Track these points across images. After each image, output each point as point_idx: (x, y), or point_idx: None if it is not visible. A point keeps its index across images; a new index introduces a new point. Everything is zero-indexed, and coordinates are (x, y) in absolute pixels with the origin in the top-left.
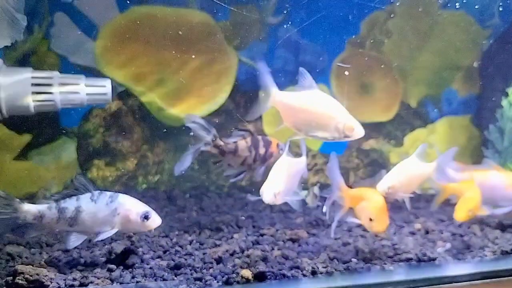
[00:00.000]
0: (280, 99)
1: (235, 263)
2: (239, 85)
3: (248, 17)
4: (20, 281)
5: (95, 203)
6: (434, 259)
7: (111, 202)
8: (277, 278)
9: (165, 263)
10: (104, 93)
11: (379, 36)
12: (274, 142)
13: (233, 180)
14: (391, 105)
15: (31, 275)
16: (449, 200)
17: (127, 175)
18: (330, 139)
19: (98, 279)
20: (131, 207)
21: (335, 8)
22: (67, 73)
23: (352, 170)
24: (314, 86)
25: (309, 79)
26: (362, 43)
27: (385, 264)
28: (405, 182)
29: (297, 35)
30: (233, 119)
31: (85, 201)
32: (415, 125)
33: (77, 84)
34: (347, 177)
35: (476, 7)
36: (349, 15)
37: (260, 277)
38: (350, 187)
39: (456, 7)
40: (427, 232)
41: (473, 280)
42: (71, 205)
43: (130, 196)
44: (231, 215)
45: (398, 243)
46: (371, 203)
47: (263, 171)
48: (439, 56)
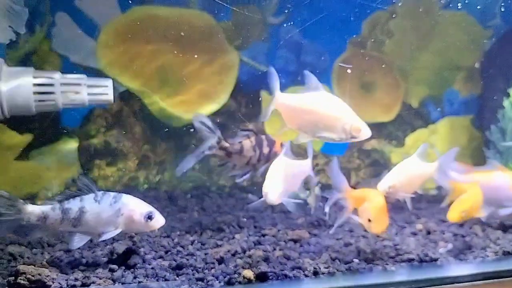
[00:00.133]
0: (282, 101)
1: (237, 263)
2: (240, 85)
3: (250, 17)
4: (22, 281)
5: (99, 203)
6: (436, 260)
7: (115, 202)
8: (279, 278)
9: (167, 263)
10: (106, 93)
11: (381, 36)
12: (278, 141)
13: (239, 180)
14: (392, 106)
15: (33, 275)
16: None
17: (128, 175)
18: (337, 140)
19: (100, 279)
20: (135, 207)
21: (336, 8)
22: (68, 73)
23: (353, 171)
24: (320, 88)
25: (314, 80)
26: (363, 43)
27: (387, 264)
28: (405, 182)
29: (299, 35)
30: (234, 119)
31: (88, 202)
32: (416, 125)
33: (78, 84)
34: (348, 178)
35: (478, 7)
36: (350, 15)
37: (262, 278)
38: (354, 188)
39: (458, 7)
40: (428, 233)
41: (475, 281)
42: (74, 206)
43: (133, 196)
44: (232, 215)
45: (400, 243)
46: (371, 204)
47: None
48: (441, 56)
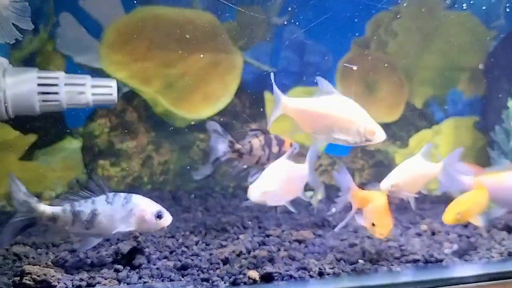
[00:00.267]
0: (292, 106)
1: (242, 264)
2: (244, 85)
3: (254, 17)
4: (28, 281)
5: (111, 205)
6: (441, 260)
7: (126, 203)
8: (284, 279)
9: (171, 263)
10: (110, 94)
11: (384, 37)
12: (288, 141)
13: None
14: (396, 106)
15: (38, 276)
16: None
17: (132, 175)
18: (351, 143)
19: (105, 279)
20: (146, 207)
21: (340, 9)
22: (72, 73)
23: (357, 171)
24: (333, 91)
25: (327, 85)
26: (367, 43)
27: (392, 265)
28: (409, 181)
29: (303, 36)
30: (238, 118)
31: (101, 204)
32: (420, 126)
33: (82, 85)
34: (352, 178)
35: (483, 8)
36: (354, 16)
37: (267, 278)
38: (362, 188)
39: (463, 8)
40: (433, 233)
41: (480, 282)
42: (86, 208)
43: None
44: (236, 216)
45: (404, 244)
46: (374, 207)
47: None
48: (444, 57)
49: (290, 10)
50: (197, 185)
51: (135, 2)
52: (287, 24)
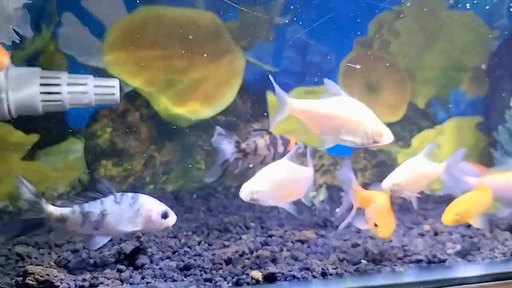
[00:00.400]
0: (299, 107)
1: (244, 264)
2: (246, 85)
3: (256, 17)
4: (31, 282)
5: (119, 205)
6: (444, 261)
7: (134, 203)
8: (287, 279)
9: (174, 263)
10: (112, 93)
11: (387, 37)
12: (293, 140)
13: None
14: (398, 106)
15: (41, 276)
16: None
17: (134, 175)
18: (359, 144)
19: (108, 279)
20: (152, 206)
21: (342, 8)
22: (75, 73)
23: (359, 171)
24: (341, 93)
25: (335, 86)
26: (370, 43)
27: (395, 265)
28: (411, 181)
29: (305, 36)
30: (241, 118)
31: (109, 204)
32: (423, 126)
33: (85, 84)
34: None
35: (486, 7)
36: (357, 15)
37: (270, 278)
38: (365, 188)
39: (467, 7)
40: (436, 234)
41: (483, 282)
42: (96, 208)
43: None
44: (238, 216)
45: (407, 244)
46: (376, 207)
47: None
48: (447, 56)
49: (293, 10)
50: (199, 185)
51: (137, 2)
52: (290, 24)
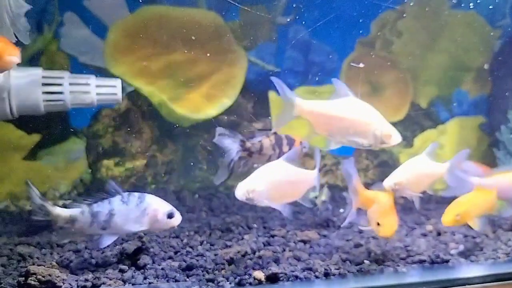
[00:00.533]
0: (307, 108)
1: (247, 264)
2: (248, 84)
3: (259, 17)
4: (33, 282)
5: (127, 204)
6: (447, 261)
7: (141, 202)
8: (290, 279)
9: (176, 264)
10: (114, 93)
11: (390, 36)
12: (297, 140)
13: None
14: (401, 106)
15: (43, 276)
16: None
17: (136, 175)
18: (366, 145)
19: (110, 280)
20: (158, 206)
21: (345, 8)
22: (77, 73)
23: (361, 171)
24: (349, 94)
25: (343, 87)
26: (372, 43)
27: (398, 266)
28: (413, 180)
29: (308, 35)
30: (242, 118)
31: (117, 204)
32: (425, 126)
33: (87, 84)
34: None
35: (490, 7)
36: (359, 15)
37: (272, 279)
38: (367, 188)
39: (470, 7)
40: (439, 234)
41: (486, 282)
42: (104, 208)
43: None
44: (240, 216)
45: (410, 244)
46: (379, 206)
47: None
48: (450, 56)
49: (295, 10)
50: (201, 185)
51: (140, 2)
52: (292, 23)
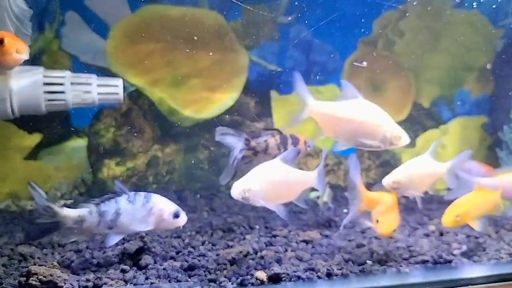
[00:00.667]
0: (319, 109)
1: (249, 264)
2: (250, 84)
3: (261, 16)
4: (34, 282)
5: (133, 204)
6: (450, 261)
7: (147, 202)
8: (292, 280)
9: (178, 264)
10: (116, 93)
11: (392, 36)
12: (302, 139)
13: None
14: (403, 106)
15: (44, 276)
16: None
17: (137, 175)
18: (375, 147)
19: (112, 280)
20: (164, 206)
21: (347, 7)
22: (78, 73)
23: (363, 171)
24: (357, 96)
25: (351, 89)
26: (374, 42)
27: (400, 266)
28: (413, 179)
29: (310, 35)
30: (245, 117)
31: (123, 203)
32: (427, 125)
33: (88, 84)
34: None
35: (493, 6)
36: (362, 14)
37: (274, 279)
38: (369, 189)
39: (473, 6)
40: (441, 234)
41: (489, 283)
42: (111, 208)
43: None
44: (242, 216)
45: (413, 244)
46: (382, 206)
47: None
48: (452, 56)
49: (297, 9)
50: (202, 185)
51: (141, 1)
52: (294, 23)
